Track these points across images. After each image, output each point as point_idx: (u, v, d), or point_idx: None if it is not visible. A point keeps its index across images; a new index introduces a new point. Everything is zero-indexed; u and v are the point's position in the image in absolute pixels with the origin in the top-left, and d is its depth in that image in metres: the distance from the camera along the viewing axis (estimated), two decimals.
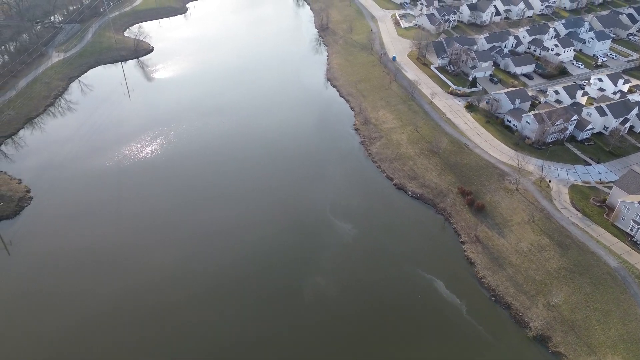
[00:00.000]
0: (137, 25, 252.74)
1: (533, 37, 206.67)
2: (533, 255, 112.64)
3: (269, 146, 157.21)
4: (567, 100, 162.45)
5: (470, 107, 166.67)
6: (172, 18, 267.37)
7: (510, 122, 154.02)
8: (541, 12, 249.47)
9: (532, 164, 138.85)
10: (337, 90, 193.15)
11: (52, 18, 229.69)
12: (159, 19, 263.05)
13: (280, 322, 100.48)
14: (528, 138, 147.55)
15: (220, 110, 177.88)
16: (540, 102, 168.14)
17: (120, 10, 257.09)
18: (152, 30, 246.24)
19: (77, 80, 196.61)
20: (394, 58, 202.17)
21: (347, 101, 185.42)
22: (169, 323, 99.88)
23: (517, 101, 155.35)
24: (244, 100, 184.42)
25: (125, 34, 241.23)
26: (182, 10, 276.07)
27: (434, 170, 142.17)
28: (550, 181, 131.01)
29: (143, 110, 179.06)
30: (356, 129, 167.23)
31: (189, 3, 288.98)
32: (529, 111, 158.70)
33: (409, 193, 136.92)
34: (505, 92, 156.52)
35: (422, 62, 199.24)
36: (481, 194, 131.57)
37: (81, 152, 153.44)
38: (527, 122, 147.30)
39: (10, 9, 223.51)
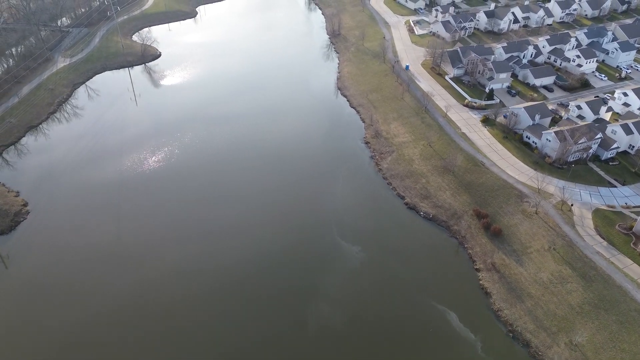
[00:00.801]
0: (145, 29, 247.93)
1: (553, 47, 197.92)
2: (554, 287, 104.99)
3: (274, 158, 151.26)
4: (590, 116, 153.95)
5: (486, 121, 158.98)
6: (181, 22, 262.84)
7: (529, 138, 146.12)
8: (561, 20, 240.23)
9: (553, 185, 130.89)
10: (348, 100, 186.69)
11: (59, 22, 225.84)
12: (168, 22, 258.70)
13: (282, 354, 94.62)
14: (548, 156, 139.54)
15: (227, 118, 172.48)
16: (561, 117, 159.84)
17: (129, 13, 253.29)
18: (160, 35, 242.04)
19: (82, 86, 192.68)
20: (407, 67, 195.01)
21: (358, 112, 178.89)
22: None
23: (537, 117, 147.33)
24: (250, 109, 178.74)
25: (134, 38, 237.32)
26: (192, 14, 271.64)
27: (448, 189, 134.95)
28: (572, 205, 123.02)
29: (148, 118, 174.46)
30: (366, 142, 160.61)
31: (199, 7, 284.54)
32: (550, 127, 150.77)
33: (421, 213, 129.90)
34: (525, 107, 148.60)
35: (436, 71, 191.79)
36: (498, 216, 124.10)
37: (83, 162, 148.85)
38: (547, 139, 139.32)
39: (17, 12, 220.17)
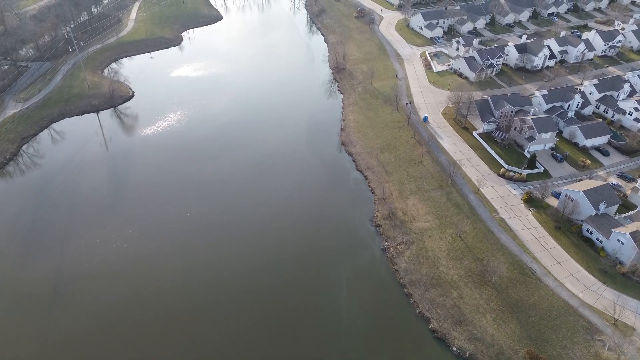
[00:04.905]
0: (121, 60, 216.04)
1: (603, 94, 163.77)
2: None
3: (258, 251, 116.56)
4: None
5: (530, 202, 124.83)
6: (163, 51, 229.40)
7: (591, 234, 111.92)
8: (603, 54, 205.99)
9: (632, 311, 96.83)
10: (354, 160, 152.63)
11: (16, 54, 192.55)
12: (148, 52, 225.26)
13: None
14: (621, 264, 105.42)
15: (207, 185, 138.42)
16: (626, 196, 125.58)
17: (102, 42, 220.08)
18: (136, 68, 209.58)
19: (32, 140, 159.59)
20: (425, 119, 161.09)
21: (366, 178, 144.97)
22: None
23: (602, 205, 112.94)
24: (235, 172, 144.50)
25: (106, 71, 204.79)
26: (176, 42, 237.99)
27: (489, 310, 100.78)
28: None
29: (106, 186, 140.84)
30: (377, 225, 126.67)
31: (185, 32, 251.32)
32: (615, 214, 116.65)
33: (454, 349, 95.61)
34: (585, 191, 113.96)
35: (461, 125, 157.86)
36: None
37: (12, 257, 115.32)
38: (619, 241, 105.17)
39: None
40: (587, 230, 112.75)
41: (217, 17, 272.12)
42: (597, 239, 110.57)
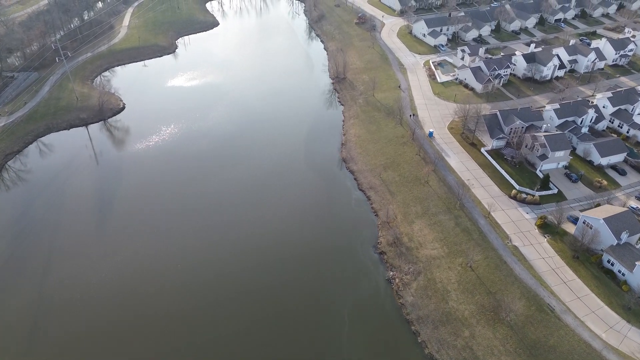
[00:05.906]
0: (113, 69, 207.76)
1: (617, 108, 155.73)
2: None
3: (245, 287, 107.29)
4: None
5: (545, 227, 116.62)
6: (157, 59, 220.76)
7: (613, 265, 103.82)
8: (614, 63, 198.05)
9: None
10: (355, 179, 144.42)
11: (0, 65, 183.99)
12: (141, 60, 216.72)
13: None
14: None
15: (197, 206, 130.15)
16: None
17: (93, 50, 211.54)
18: (128, 78, 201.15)
19: (16, 157, 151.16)
20: (430, 134, 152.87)
21: (369, 198, 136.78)
22: None
23: (624, 234, 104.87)
24: (224, 194, 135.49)
25: (97, 80, 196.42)
26: (171, 49, 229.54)
27: (504, 352, 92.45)
28: None
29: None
30: (381, 252, 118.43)
31: (180, 38, 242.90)
32: (637, 242, 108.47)
33: None
34: (605, 219, 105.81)
35: (468, 140, 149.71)
36: None
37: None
38: None
39: None
40: (608, 262, 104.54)
41: (213, 23, 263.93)
42: (619, 271, 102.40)
